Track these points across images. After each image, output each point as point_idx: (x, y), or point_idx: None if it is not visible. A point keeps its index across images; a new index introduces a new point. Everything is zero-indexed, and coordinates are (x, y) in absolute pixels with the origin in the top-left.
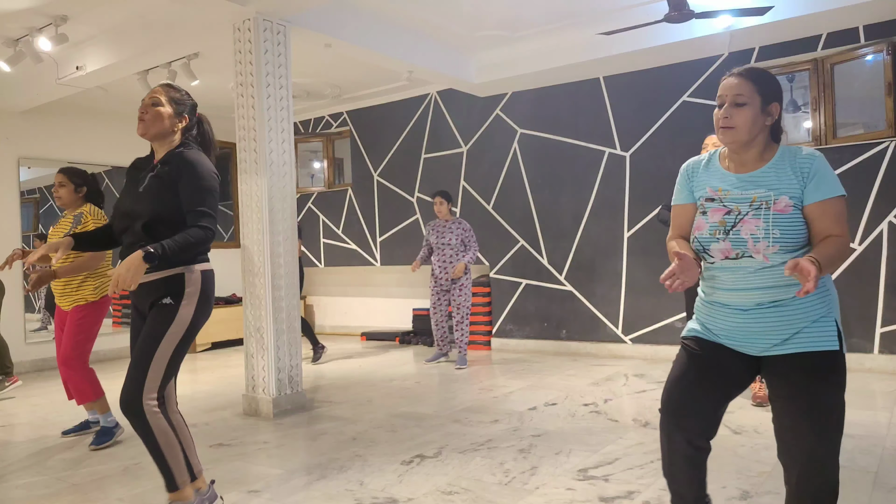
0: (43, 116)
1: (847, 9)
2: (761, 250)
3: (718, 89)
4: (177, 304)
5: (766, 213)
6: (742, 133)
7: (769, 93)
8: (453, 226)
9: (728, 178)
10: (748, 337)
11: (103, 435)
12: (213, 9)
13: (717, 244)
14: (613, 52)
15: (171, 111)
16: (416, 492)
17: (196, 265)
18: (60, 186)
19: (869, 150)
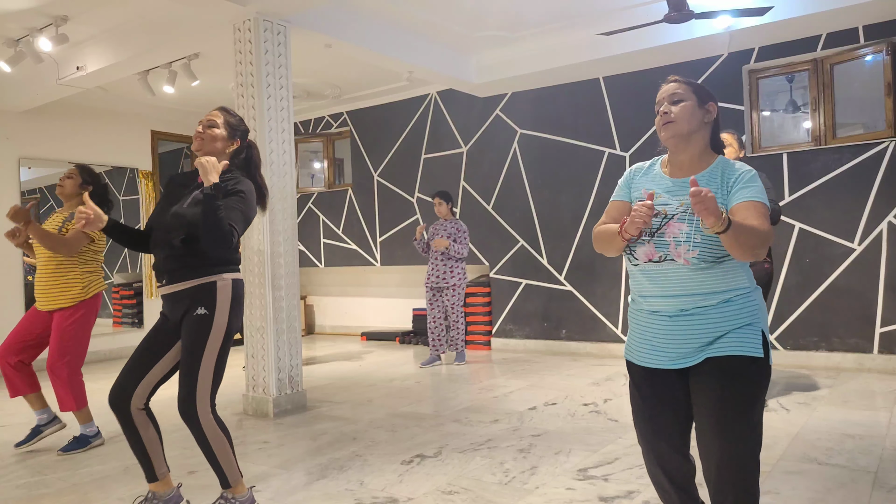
0: (43, 116)
1: (846, 9)
2: (682, 254)
3: (657, 98)
4: (211, 314)
5: (692, 218)
6: (681, 125)
7: (703, 94)
8: (448, 225)
9: (663, 181)
10: (673, 344)
11: (77, 442)
12: (214, 9)
13: (643, 246)
14: (613, 52)
15: (225, 134)
16: (416, 491)
17: (226, 274)
18: (67, 178)
19: (868, 151)
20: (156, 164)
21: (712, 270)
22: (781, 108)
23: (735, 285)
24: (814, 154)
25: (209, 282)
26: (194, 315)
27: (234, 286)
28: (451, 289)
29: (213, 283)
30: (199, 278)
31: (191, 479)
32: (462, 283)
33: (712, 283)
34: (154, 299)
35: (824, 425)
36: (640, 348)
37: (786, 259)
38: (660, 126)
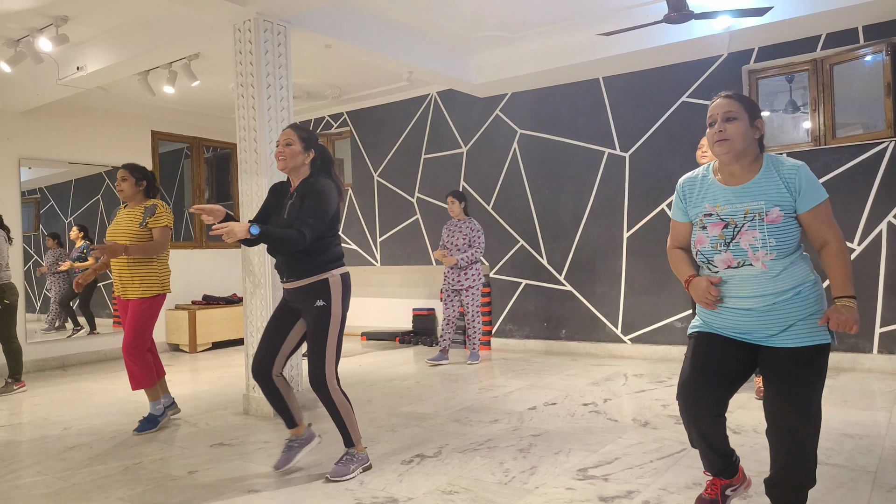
0: (44, 117)
1: (846, 9)
2: (760, 258)
3: (709, 110)
4: (328, 305)
5: (761, 223)
6: (736, 143)
7: (754, 111)
8: (463, 226)
9: (722, 192)
10: (747, 330)
11: (148, 423)
12: (214, 9)
13: (720, 255)
14: (613, 52)
15: (301, 148)
16: (416, 491)
17: (335, 270)
18: (122, 181)
19: (868, 151)
20: (156, 164)
21: (786, 270)
22: (781, 109)
23: (804, 278)
24: (813, 154)
25: (323, 279)
26: (315, 306)
27: (343, 280)
28: (467, 290)
29: (327, 279)
30: (314, 276)
31: (190, 479)
32: (478, 284)
33: (785, 281)
34: None
35: (824, 425)
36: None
37: None
38: (713, 142)
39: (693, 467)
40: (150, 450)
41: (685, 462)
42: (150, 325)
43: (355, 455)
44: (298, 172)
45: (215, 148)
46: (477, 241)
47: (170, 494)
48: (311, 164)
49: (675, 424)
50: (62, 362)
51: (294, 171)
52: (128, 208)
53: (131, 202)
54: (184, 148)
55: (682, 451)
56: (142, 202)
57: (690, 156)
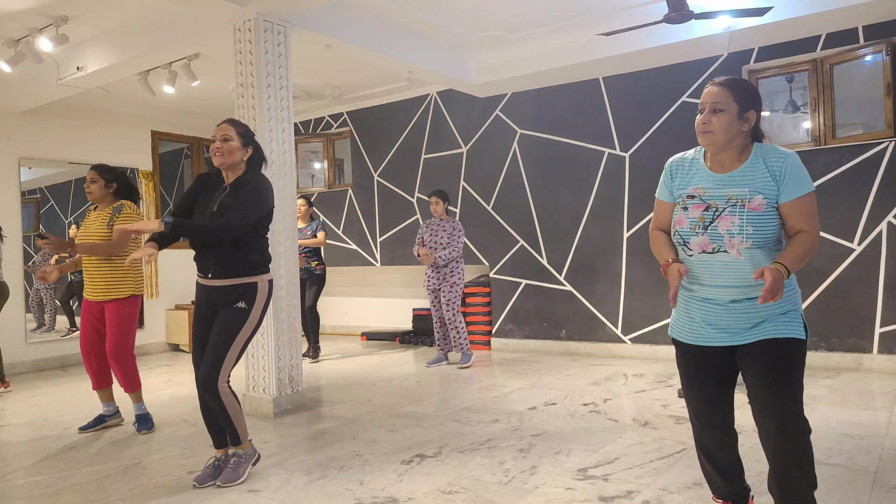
0: (44, 117)
1: (846, 9)
2: (735, 245)
3: (700, 97)
4: (249, 308)
5: (741, 210)
6: (719, 137)
7: (746, 101)
8: (446, 224)
9: (709, 177)
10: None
11: (146, 421)
12: (214, 9)
13: (697, 238)
14: (613, 52)
15: (239, 144)
16: (416, 491)
17: (265, 276)
18: (92, 182)
19: (868, 151)
20: (156, 165)
21: (764, 261)
22: (781, 109)
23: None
24: (813, 154)
25: (252, 282)
26: (234, 307)
27: (269, 287)
28: (449, 287)
29: (255, 283)
30: (242, 277)
31: (190, 479)
32: (458, 282)
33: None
34: (154, 299)
35: (824, 425)
36: (690, 328)
37: None
38: (699, 131)
39: (693, 467)
40: (150, 450)
41: (685, 462)
42: (133, 327)
43: (243, 455)
44: (235, 169)
45: None
46: (456, 240)
47: (170, 494)
48: (247, 162)
49: (676, 424)
50: (62, 362)
51: (231, 167)
52: (97, 210)
53: (101, 204)
54: (184, 148)
55: (682, 451)
56: (111, 204)
57: None
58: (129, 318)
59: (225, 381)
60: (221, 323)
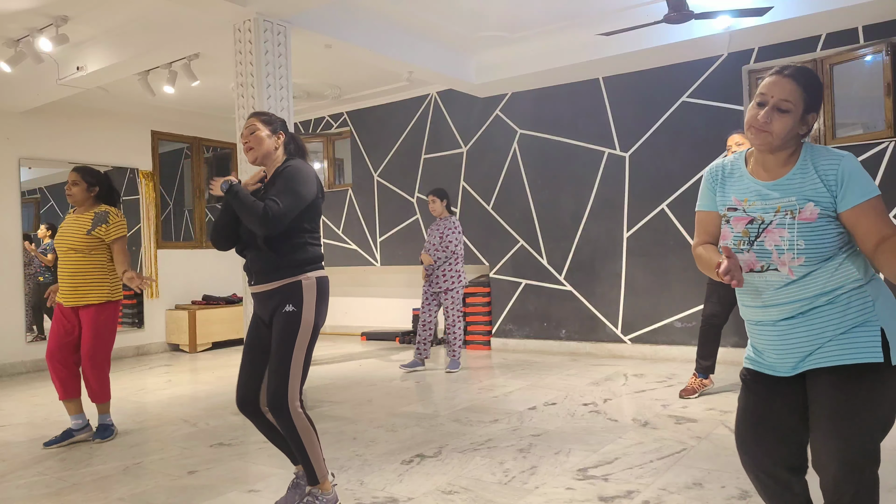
0: (44, 117)
1: (846, 9)
2: (787, 262)
3: (763, 85)
4: (299, 311)
5: (791, 222)
6: (777, 140)
7: (813, 101)
8: (442, 223)
9: (752, 185)
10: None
11: (105, 430)
12: (214, 9)
13: (742, 255)
14: (613, 52)
15: (267, 132)
16: (416, 491)
17: (311, 273)
18: (73, 185)
19: (868, 151)
20: (156, 165)
21: (819, 272)
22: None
23: (842, 280)
24: None
25: (295, 281)
26: (283, 312)
27: (319, 283)
28: (446, 293)
29: (299, 282)
30: (285, 278)
31: (190, 479)
32: (459, 287)
33: (818, 284)
34: (154, 299)
35: None
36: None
37: None
38: (751, 126)
39: (693, 467)
40: (150, 450)
41: (685, 462)
42: (111, 334)
43: (319, 496)
44: (272, 160)
45: (215, 148)
46: (448, 239)
47: (170, 494)
48: (284, 149)
49: (676, 425)
50: None
51: (266, 159)
52: (76, 213)
53: (80, 207)
54: (184, 148)
55: (682, 451)
56: (91, 208)
57: (690, 156)
58: (105, 324)
59: (297, 401)
60: (276, 334)
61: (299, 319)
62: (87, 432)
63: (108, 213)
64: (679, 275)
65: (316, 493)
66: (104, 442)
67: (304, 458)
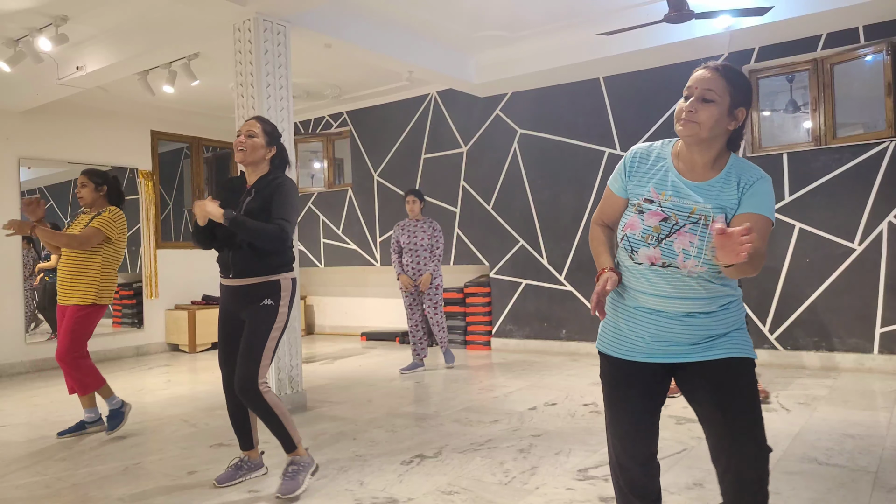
0: (43, 116)
1: (847, 9)
2: (689, 266)
3: (689, 80)
4: (276, 304)
5: (703, 230)
6: (704, 130)
7: (740, 96)
8: (425, 225)
9: (674, 181)
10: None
11: (114, 418)
12: (214, 9)
13: (647, 249)
14: (613, 52)
15: (264, 142)
16: (416, 492)
17: (288, 274)
18: (82, 187)
19: (868, 151)
20: (156, 164)
21: (714, 282)
22: (781, 108)
23: (731, 291)
24: (814, 154)
25: (276, 279)
26: (261, 305)
27: (293, 284)
28: (434, 289)
29: (278, 280)
30: (265, 276)
31: (190, 479)
32: (441, 283)
33: (713, 289)
34: (154, 300)
35: (824, 425)
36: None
37: (786, 259)
38: (679, 118)
39: (693, 468)
40: (150, 450)
41: (685, 462)
42: (85, 335)
43: (300, 462)
44: (257, 168)
45: (215, 148)
46: (439, 244)
47: (170, 495)
48: (270, 161)
49: (676, 425)
50: None
51: (253, 165)
52: (86, 214)
53: (92, 208)
54: (183, 148)
55: (682, 451)
56: (101, 208)
57: None
58: (82, 324)
59: (264, 380)
60: (251, 323)
61: (276, 312)
62: (99, 426)
63: (106, 209)
64: None
65: (297, 459)
66: (114, 432)
67: (280, 430)
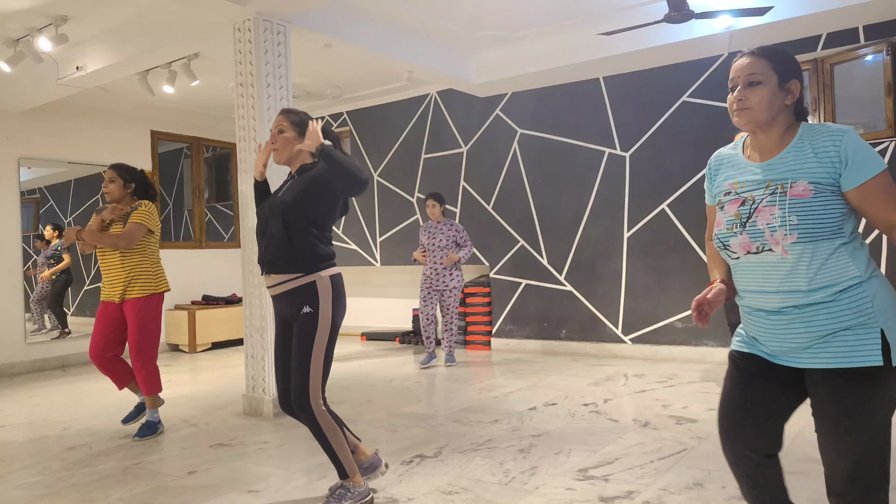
0: (43, 116)
1: (847, 9)
2: (779, 240)
3: (730, 74)
4: (316, 311)
5: (782, 198)
6: (760, 112)
7: (786, 69)
8: (444, 227)
9: (745, 167)
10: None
11: (148, 429)
12: (214, 9)
13: (736, 238)
14: (613, 52)
15: (295, 134)
16: (416, 492)
17: (324, 272)
18: (110, 182)
19: None
20: (156, 164)
21: (818, 259)
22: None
23: (842, 276)
24: None
25: (310, 282)
26: (302, 314)
27: (333, 282)
28: (449, 291)
29: (314, 282)
30: (299, 277)
31: (190, 479)
32: (460, 286)
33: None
34: None
35: None
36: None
37: None
38: (732, 111)
39: (693, 468)
40: (150, 450)
41: (685, 462)
42: (157, 328)
43: (351, 488)
44: (297, 161)
45: (215, 148)
46: (467, 241)
47: (170, 494)
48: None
49: (676, 425)
50: (62, 362)
51: (291, 161)
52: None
53: (120, 203)
54: (183, 148)
55: (683, 451)
56: (130, 204)
57: (691, 156)
58: (150, 316)
59: (319, 399)
60: (296, 334)
61: (317, 320)
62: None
63: (140, 204)
64: (679, 275)
65: (348, 485)
66: (143, 440)
67: (330, 453)
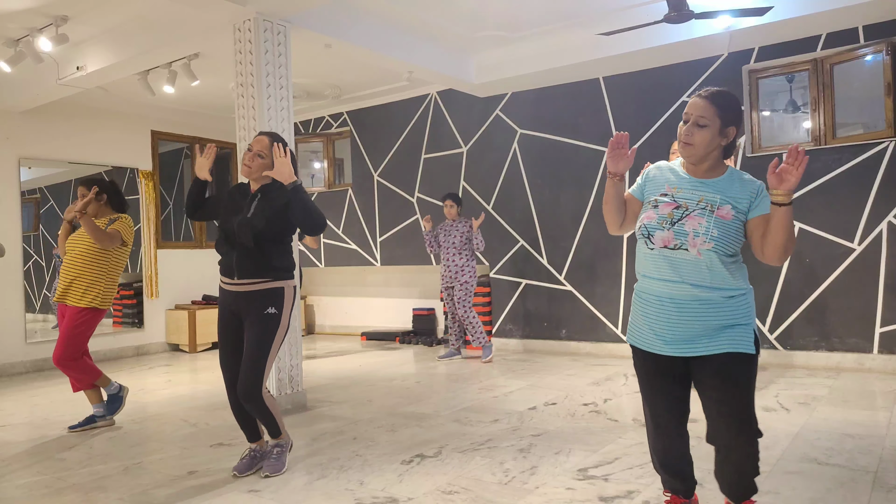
0: (43, 116)
1: (846, 9)
2: (697, 245)
3: (686, 106)
4: (279, 313)
5: (710, 214)
6: (699, 150)
7: (729, 117)
8: (459, 225)
9: (685, 179)
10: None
11: (112, 402)
12: (214, 9)
13: (662, 232)
14: (613, 52)
15: (269, 162)
16: (416, 491)
17: (289, 281)
18: (83, 197)
19: (868, 151)
20: (156, 164)
21: (720, 267)
22: (781, 108)
23: (738, 285)
24: (814, 154)
25: (279, 287)
26: (265, 313)
27: (295, 291)
28: (460, 286)
29: (282, 288)
30: (271, 281)
31: (191, 479)
32: (472, 281)
33: (719, 279)
34: (154, 299)
35: (824, 425)
36: (645, 334)
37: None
38: (680, 141)
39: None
40: (150, 450)
41: None
42: (84, 338)
43: (283, 444)
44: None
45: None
46: (477, 237)
47: (170, 494)
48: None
49: None
50: None
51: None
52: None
53: (100, 217)
54: (184, 148)
55: None
56: (108, 215)
57: None
58: (81, 328)
59: (265, 386)
60: (256, 332)
61: (279, 321)
62: (109, 420)
63: (118, 218)
64: None
65: (280, 442)
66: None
67: (270, 422)
